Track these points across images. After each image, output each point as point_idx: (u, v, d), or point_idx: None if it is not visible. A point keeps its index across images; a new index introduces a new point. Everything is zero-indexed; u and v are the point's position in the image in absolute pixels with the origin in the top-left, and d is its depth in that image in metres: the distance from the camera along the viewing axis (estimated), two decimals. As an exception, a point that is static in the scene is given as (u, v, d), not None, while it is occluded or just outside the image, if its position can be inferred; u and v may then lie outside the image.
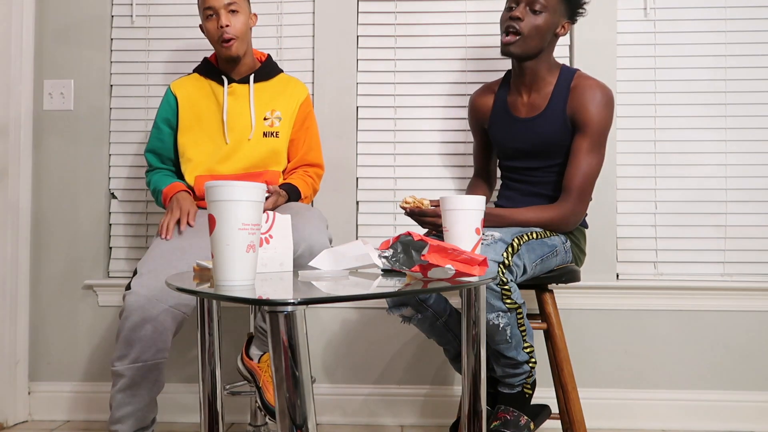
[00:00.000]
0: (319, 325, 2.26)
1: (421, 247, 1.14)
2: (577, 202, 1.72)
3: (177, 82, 1.96)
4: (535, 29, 1.73)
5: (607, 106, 1.73)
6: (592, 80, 1.76)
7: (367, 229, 2.27)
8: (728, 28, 2.22)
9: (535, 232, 1.68)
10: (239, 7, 1.86)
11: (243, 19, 1.87)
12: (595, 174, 1.74)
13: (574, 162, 1.73)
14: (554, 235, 1.74)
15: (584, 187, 1.72)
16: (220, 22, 1.83)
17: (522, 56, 1.77)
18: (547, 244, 1.69)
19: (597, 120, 1.72)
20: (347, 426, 2.21)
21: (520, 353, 1.62)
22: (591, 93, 1.73)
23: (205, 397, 1.32)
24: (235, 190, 1.03)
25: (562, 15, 1.78)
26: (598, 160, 1.74)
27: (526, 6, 1.73)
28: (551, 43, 1.80)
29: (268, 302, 0.92)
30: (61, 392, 2.27)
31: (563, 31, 1.80)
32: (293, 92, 1.97)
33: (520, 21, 1.73)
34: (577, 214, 1.73)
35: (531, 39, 1.74)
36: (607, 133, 1.75)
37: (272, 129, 1.91)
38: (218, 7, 1.83)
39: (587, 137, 1.72)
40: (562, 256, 1.76)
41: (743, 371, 2.18)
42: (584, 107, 1.72)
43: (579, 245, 1.83)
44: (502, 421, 1.65)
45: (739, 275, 2.21)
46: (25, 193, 2.26)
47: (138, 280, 1.59)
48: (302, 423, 0.93)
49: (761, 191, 2.21)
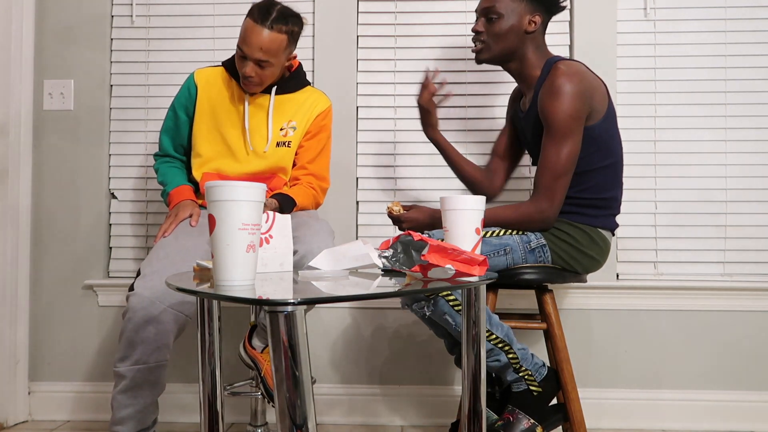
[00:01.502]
0: (319, 325, 2.26)
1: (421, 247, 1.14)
2: (544, 199, 1.66)
3: (201, 71, 1.91)
4: (495, 36, 1.77)
5: (570, 94, 1.63)
6: (557, 69, 1.67)
7: (367, 229, 2.27)
8: (728, 28, 2.22)
9: (485, 230, 1.68)
10: (271, 63, 1.77)
11: (273, 71, 1.80)
12: (563, 169, 1.65)
13: (541, 158, 1.69)
14: (513, 233, 1.70)
15: (550, 184, 1.66)
16: (246, 71, 1.77)
17: (493, 61, 1.82)
18: (490, 243, 1.67)
19: (556, 112, 1.64)
20: (347, 426, 2.21)
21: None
22: (549, 84, 1.67)
23: (205, 397, 1.32)
24: (235, 190, 1.03)
25: (525, 12, 1.76)
26: (567, 154, 1.65)
27: (482, 17, 1.80)
28: (526, 40, 1.78)
29: (268, 302, 0.92)
30: (61, 392, 2.27)
31: (534, 26, 1.77)
32: (313, 104, 1.92)
33: (481, 34, 1.80)
34: (544, 212, 1.67)
35: (495, 44, 1.78)
36: (573, 123, 1.64)
37: (285, 139, 1.89)
38: (250, 57, 1.76)
39: (549, 131, 1.67)
40: (520, 255, 1.69)
41: (743, 371, 2.18)
42: (543, 100, 1.68)
43: (576, 246, 1.73)
44: (504, 423, 1.65)
45: (739, 275, 2.21)
46: (25, 193, 2.26)
47: (141, 281, 1.59)
48: (302, 423, 0.93)
49: (761, 191, 2.21)
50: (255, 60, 1.76)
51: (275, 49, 1.75)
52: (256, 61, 1.76)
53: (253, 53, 1.74)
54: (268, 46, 1.74)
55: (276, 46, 1.75)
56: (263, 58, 1.75)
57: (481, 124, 2.25)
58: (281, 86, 1.89)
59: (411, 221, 1.72)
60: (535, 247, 1.70)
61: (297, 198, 1.84)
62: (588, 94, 1.67)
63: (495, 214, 1.69)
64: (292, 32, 1.79)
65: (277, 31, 1.74)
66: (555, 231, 1.73)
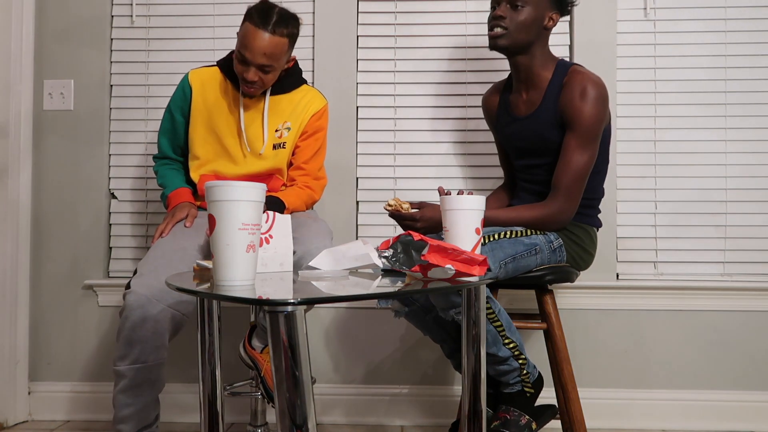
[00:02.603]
0: (319, 325, 2.26)
1: (421, 247, 1.14)
2: (565, 200, 1.69)
3: (196, 72, 1.90)
4: (520, 24, 1.73)
5: (598, 100, 1.68)
6: (583, 74, 1.71)
7: (367, 229, 2.27)
8: (728, 28, 2.22)
9: (511, 230, 1.68)
10: (273, 68, 1.76)
11: (274, 75, 1.79)
12: (585, 172, 1.70)
13: (563, 159, 1.70)
14: (538, 233, 1.72)
15: (572, 186, 1.69)
16: (248, 76, 1.75)
17: (511, 49, 1.77)
18: (522, 243, 1.68)
19: (586, 116, 1.68)
20: (347, 426, 2.21)
21: (501, 349, 1.62)
22: (580, 88, 1.69)
23: (205, 397, 1.32)
24: (235, 190, 1.03)
25: (546, 8, 1.76)
26: (589, 158, 1.70)
27: (507, 4, 1.74)
28: (541, 36, 1.78)
29: (268, 302, 0.92)
30: (61, 392, 2.27)
31: (552, 23, 1.78)
32: (308, 104, 1.91)
33: (504, 19, 1.74)
34: (564, 212, 1.70)
35: (517, 33, 1.74)
36: (599, 129, 1.70)
37: (281, 140, 1.88)
38: (252, 62, 1.74)
39: (576, 134, 1.69)
40: (546, 255, 1.72)
41: (743, 371, 2.18)
42: (573, 103, 1.69)
43: (581, 245, 1.79)
44: (502, 421, 1.65)
45: (739, 275, 2.21)
46: (25, 193, 2.26)
47: (138, 280, 1.59)
48: (302, 423, 0.93)
49: (761, 191, 2.21)
50: (258, 65, 1.74)
51: (278, 53, 1.74)
52: (259, 66, 1.74)
53: (256, 59, 1.73)
54: (272, 51, 1.73)
55: (279, 50, 1.74)
56: (266, 63, 1.73)
57: (481, 124, 2.25)
58: (276, 86, 1.88)
59: (426, 221, 1.63)
60: (556, 248, 1.74)
61: (288, 200, 1.83)
62: (607, 102, 1.72)
63: (517, 214, 1.70)
64: (293, 35, 1.78)
65: (279, 35, 1.73)
66: (565, 231, 1.77)
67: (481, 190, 2.26)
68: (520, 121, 1.83)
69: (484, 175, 2.26)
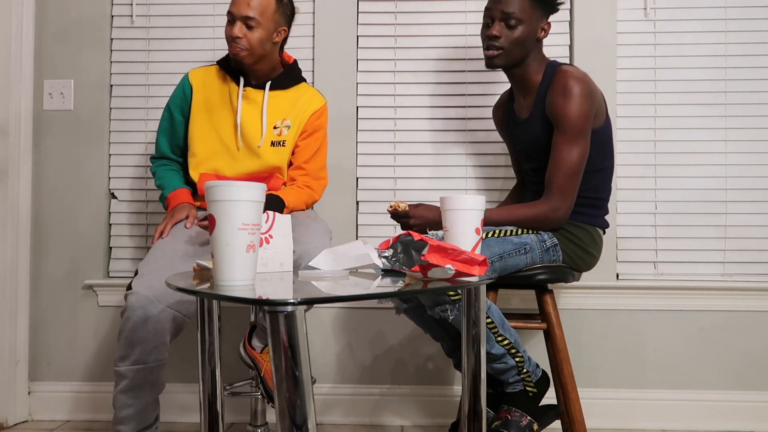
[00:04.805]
0: (319, 325, 2.26)
1: (421, 247, 1.14)
2: (557, 198, 1.69)
3: (196, 71, 1.92)
4: (515, 42, 1.75)
5: (581, 95, 1.67)
6: (565, 72, 1.71)
7: (367, 229, 2.27)
8: (728, 28, 2.22)
9: (501, 230, 1.69)
10: (258, 23, 1.77)
11: (260, 35, 1.79)
12: (576, 168, 1.69)
13: (552, 157, 1.71)
14: (530, 232, 1.71)
15: (564, 183, 1.69)
16: (233, 32, 1.78)
17: (507, 66, 1.80)
18: (511, 242, 1.68)
19: (570, 112, 1.67)
20: (347, 426, 2.21)
21: (495, 347, 1.62)
22: (561, 86, 1.69)
23: (205, 397, 1.32)
24: (235, 190, 1.03)
25: (539, 19, 1.78)
26: (578, 153, 1.68)
27: (501, 22, 1.75)
28: (535, 47, 1.80)
29: (268, 302, 0.92)
30: (61, 392, 2.27)
31: (544, 34, 1.80)
32: (307, 102, 1.92)
33: (499, 39, 1.75)
34: (557, 210, 1.69)
35: (513, 51, 1.76)
36: (585, 124, 1.68)
37: (280, 138, 1.88)
38: (237, 15, 1.78)
39: (562, 131, 1.69)
40: (538, 254, 1.72)
41: (743, 371, 2.18)
42: (556, 102, 1.70)
43: (580, 245, 1.77)
44: (502, 421, 1.65)
45: (739, 275, 2.21)
46: (25, 193, 2.26)
47: (139, 280, 1.59)
48: (302, 423, 0.93)
49: (761, 191, 2.21)
50: (242, 17, 1.77)
51: (263, 8, 1.78)
52: (243, 19, 1.77)
53: (241, 10, 1.76)
54: (257, 3, 1.77)
55: (264, 5, 1.78)
56: (250, 15, 1.76)
57: (481, 124, 2.25)
58: (276, 82, 1.89)
59: (419, 218, 1.69)
60: (549, 247, 1.73)
61: (287, 198, 1.83)
62: (594, 96, 1.71)
63: (510, 213, 1.70)
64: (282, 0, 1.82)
65: None
66: (562, 230, 1.76)
67: (481, 189, 2.26)
68: (520, 125, 1.85)
69: (484, 175, 2.26)
